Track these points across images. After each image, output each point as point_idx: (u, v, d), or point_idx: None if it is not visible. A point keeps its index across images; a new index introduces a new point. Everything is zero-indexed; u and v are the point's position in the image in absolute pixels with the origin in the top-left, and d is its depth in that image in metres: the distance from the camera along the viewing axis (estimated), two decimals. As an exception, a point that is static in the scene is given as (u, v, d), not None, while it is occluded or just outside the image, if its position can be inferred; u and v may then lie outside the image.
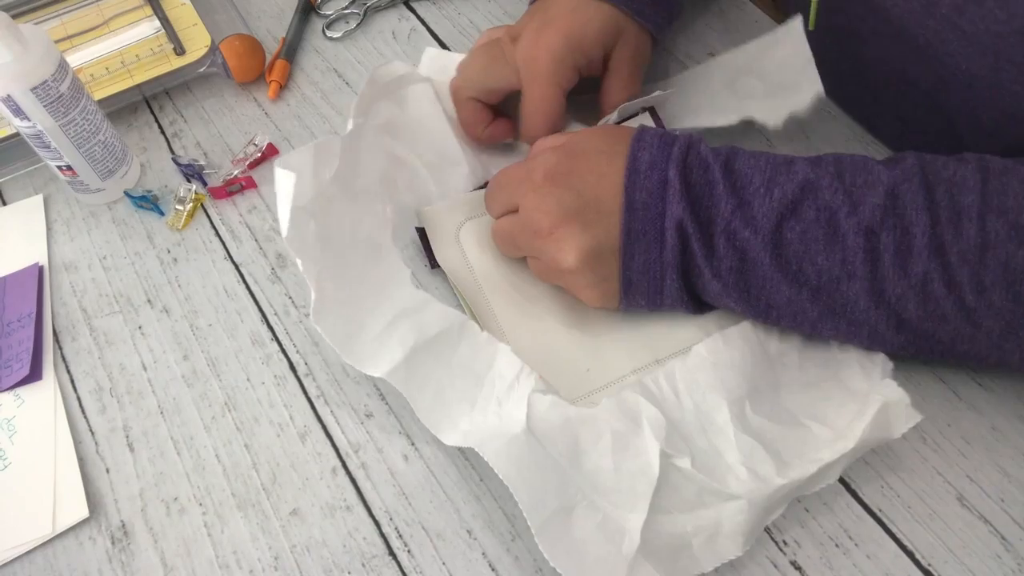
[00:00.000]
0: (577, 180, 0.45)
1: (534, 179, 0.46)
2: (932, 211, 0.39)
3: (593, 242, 0.44)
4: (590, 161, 0.45)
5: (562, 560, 0.39)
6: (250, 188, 0.58)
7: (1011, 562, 0.41)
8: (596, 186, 0.44)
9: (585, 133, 0.48)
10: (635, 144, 0.45)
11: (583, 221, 0.44)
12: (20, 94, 0.49)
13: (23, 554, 0.45)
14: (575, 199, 0.44)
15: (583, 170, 0.45)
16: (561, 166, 0.45)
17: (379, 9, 0.68)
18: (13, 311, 0.53)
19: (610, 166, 0.44)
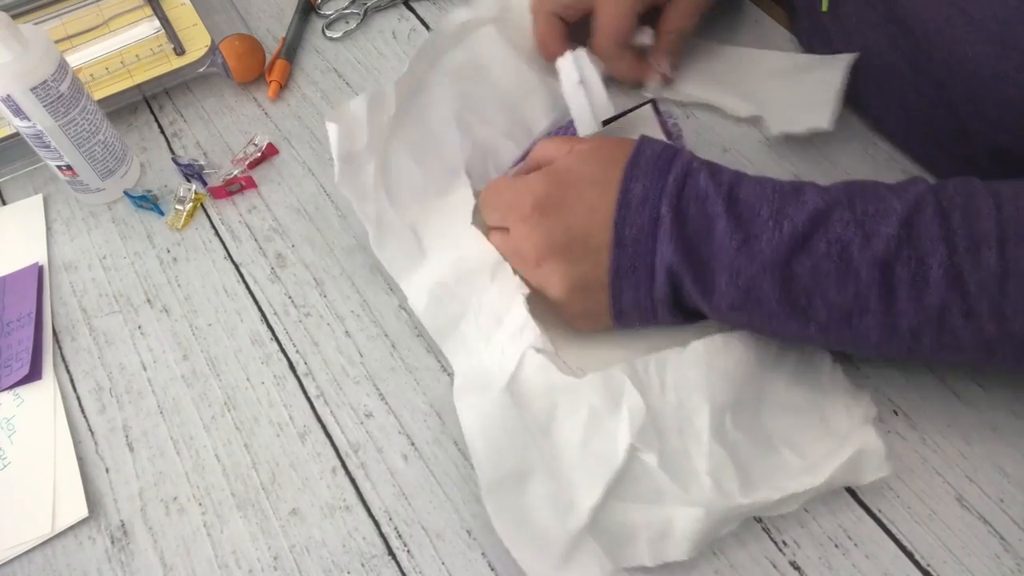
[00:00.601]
0: (567, 213, 0.44)
1: (523, 207, 0.45)
2: (949, 240, 0.38)
3: (580, 277, 0.44)
4: (581, 193, 0.44)
5: (505, 524, 0.41)
6: (250, 188, 0.58)
7: (1010, 562, 0.41)
8: (586, 220, 0.44)
9: (581, 155, 0.46)
10: (628, 173, 0.43)
11: (570, 257, 0.44)
12: (20, 94, 0.49)
13: (23, 554, 0.45)
14: (563, 233, 0.44)
15: (573, 201, 0.44)
16: (551, 197, 0.45)
17: (379, 9, 0.68)
18: (13, 311, 0.53)
19: (601, 199, 0.43)
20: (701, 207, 0.42)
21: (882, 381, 0.46)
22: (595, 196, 0.44)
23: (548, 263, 0.44)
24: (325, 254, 0.54)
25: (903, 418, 0.45)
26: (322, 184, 0.58)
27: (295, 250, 0.55)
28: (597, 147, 0.46)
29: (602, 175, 0.44)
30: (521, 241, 0.46)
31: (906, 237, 0.38)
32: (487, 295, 0.48)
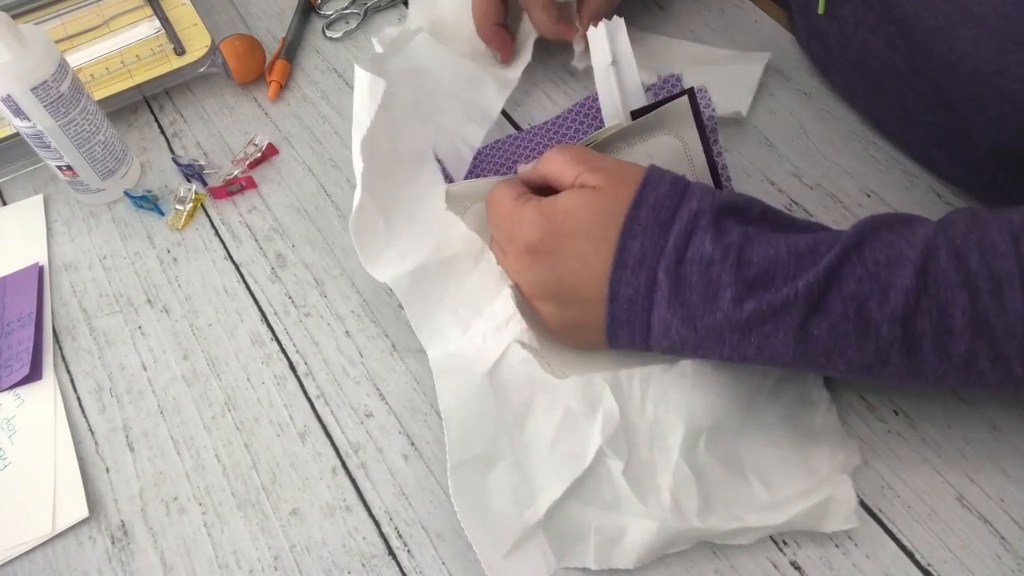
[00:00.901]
0: (559, 264, 0.43)
1: (518, 245, 0.45)
2: (970, 285, 0.36)
3: (571, 320, 0.44)
4: (576, 246, 0.43)
5: (464, 503, 0.42)
6: (250, 188, 0.58)
7: (1011, 562, 0.41)
8: (577, 274, 0.43)
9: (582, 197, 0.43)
10: (626, 229, 0.42)
11: (561, 301, 0.44)
12: (20, 94, 0.49)
13: (23, 554, 0.45)
14: (554, 283, 0.44)
15: (566, 253, 0.43)
16: (544, 244, 0.44)
17: (379, 9, 0.68)
18: (13, 311, 0.53)
19: (595, 256, 0.42)
20: (705, 273, 0.40)
21: (882, 381, 0.46)
22: (590, 251, 0.42)
23: (538, 302, 0.45)
24: (325, 254, 0.54)
25: (903, 418, 0.45)
26: (322, 184, 0.58)
27: (295, 250, 0.55)
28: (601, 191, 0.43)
29: (600, 230, 0.42)
30: (514, 274, 0.46)
31: (923, 287, 0.37)
32: (467, 282, 0.48)
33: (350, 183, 0.57)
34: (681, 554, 0.42)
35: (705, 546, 0.42)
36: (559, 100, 0.60)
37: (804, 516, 0.41)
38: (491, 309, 0.47)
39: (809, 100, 0.58)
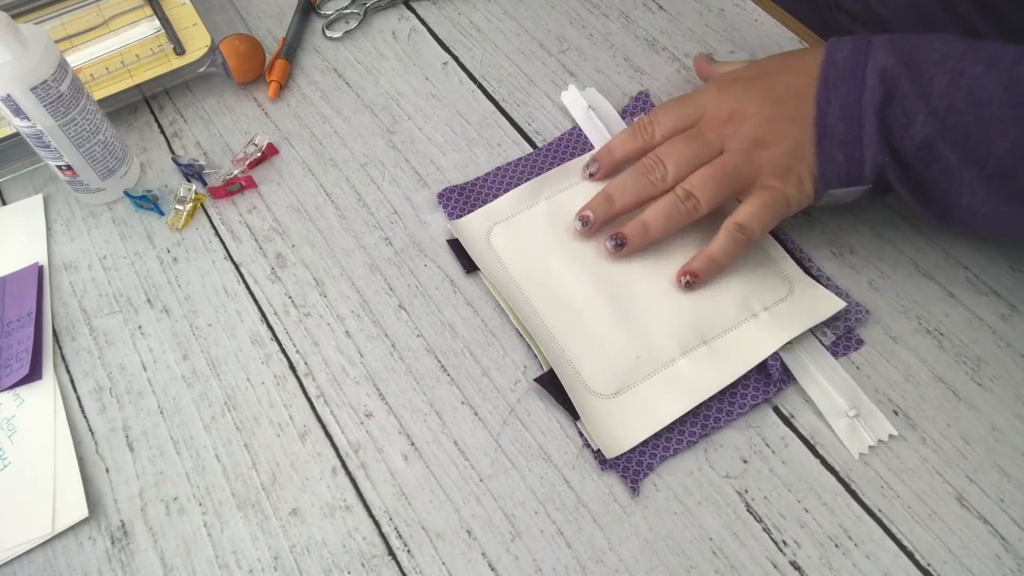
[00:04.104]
0: (761, 79, 0.46)
1: (715, 88, 0.48)
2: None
3: (783, 111, 0.45)
4: (775, 60, 0.47)
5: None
6: (250, 188, 0.58)
7: (1011, 562, 0.41)
8: (780, 76, 0.46)
9: (757, 61, 0.50)
10: (825, 45, 0.46)
11: (773, 97, 0.45)
12: (20, 94, 0.49)
13: (23, 554, 0.45)
14: (762, 86, 0.46)
15: (770, 71, 0.46)
16: (746, 71, 0.48)
17: (379, 9, 0.68)
18: (13, 311, 0.53)
19: (795, 57, 0.46)
20: (914, 37, 0.43)
21: (882, 381, 0.46)
22: (792, 61, 0.46)
23: (746, 103, 0.46)
24: (325, 254, 0.54)
25: (903, 418, 0.45)
26: (322, 184, 0.58)
27: (295, 250, 0.55)
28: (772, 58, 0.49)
29: (790, 55, 0.48)
30: (714, 102, 0.48)
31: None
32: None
33: (350, 183, 0.57)
34: (681, 554, 0.42)
35: (705, 546, 0.42)
36: (556, 99, 0.60)
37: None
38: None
39: (809, 100, 0.58)
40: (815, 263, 0.51)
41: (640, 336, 0.48)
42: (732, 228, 0.47)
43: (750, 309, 0.48)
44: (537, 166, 0.56)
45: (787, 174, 0.46)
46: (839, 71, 0.44)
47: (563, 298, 0.50)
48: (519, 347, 0.49)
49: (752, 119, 0.46)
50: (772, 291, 0.49)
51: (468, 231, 0.53)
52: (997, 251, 0.50)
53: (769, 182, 0.46)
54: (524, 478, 0.45)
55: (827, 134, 0.44)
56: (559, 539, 0.43)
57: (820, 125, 0.44)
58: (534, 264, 0.52)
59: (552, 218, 0.53)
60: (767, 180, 0.46)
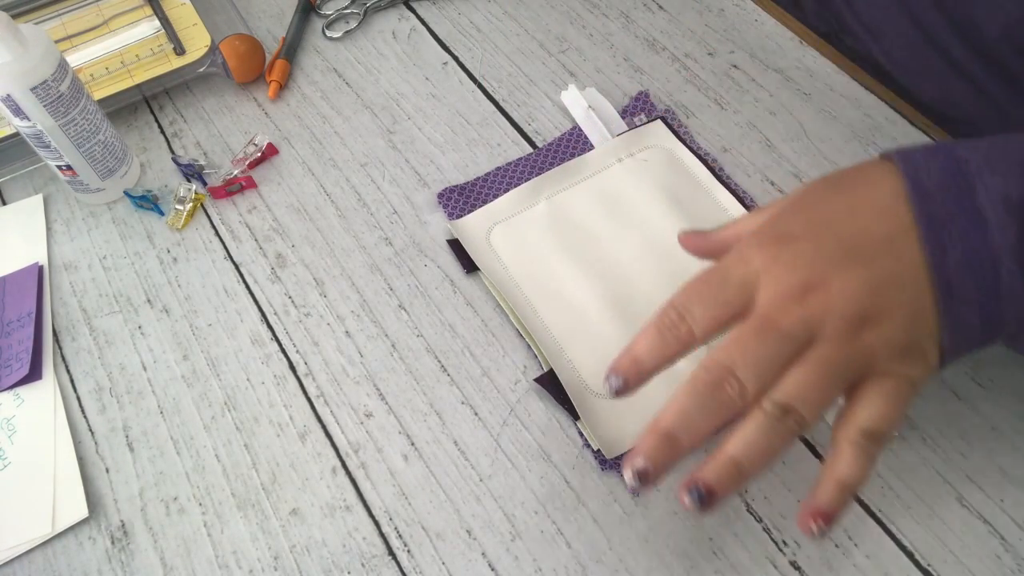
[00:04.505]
0: (823, 227, 0.34)
1: (763, 251, 0.34)
2: None
3: (882, 273, 0.33)
4: (823, 203, 0.35)
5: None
6: (250, 188, 0.58)
7: (1011, 562, 0.41)
8: (850, 221, 0.34)
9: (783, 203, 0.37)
10: (888, 152, 0.35)
11: (857, 255, 0.33)
12: (20, 94, 0.49)
13: (23, 554, 0.45)
14: (836, 243, 0.34)
15: (822, 215, 0.35)
16: (791, 224, 0.35)
17: (379, 9, 0.68)
18: (13, 311, 0.53)
19: (852, 194, 0.34)
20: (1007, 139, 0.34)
21: (882, 381, 0.46)
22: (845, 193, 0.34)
23: (835, 273, 0.33)
24: (325, 254, 0.54)
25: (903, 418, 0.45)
26: (322, 184, 0.58)
27: (295, 250, 0.55)
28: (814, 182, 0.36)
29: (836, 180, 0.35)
30: (784, 272, 0.34)
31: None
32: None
33: (350, 183, 0.57)
34: (682, 554, 0.42)
35: (705, 546, 0.42)
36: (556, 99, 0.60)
37: None
38: None
39: (809, 100, 0.58)
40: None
41: None
42: (862, 441, 0.33)
43: None
44: (537, 166, 0.56)
45: (908, 352, 0.34)
46: (941, 205, 0.33)
47: (563, 298, 0.50)
48: (519, 347, 0.49)
49: (841, 290, 0.33)
50: None
51: (468, 231, 0.53)
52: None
53: (887, 367, 0.34)
54: (524, 478, 0.45)
55: (951, 293, 0.33)
56: (559, 539, 0.43)
57: (940, 283, 0.33)
58: (534, 264, 0.52)
59: (552, 218, 0.53)
60: (885, 365, 0.34)
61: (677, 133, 0.57)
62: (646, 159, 0.55)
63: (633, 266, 0.50)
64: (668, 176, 0.54)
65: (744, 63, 0.61)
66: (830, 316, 0.33)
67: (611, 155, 0.56)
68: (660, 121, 0.57)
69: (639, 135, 0.57)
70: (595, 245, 0.52)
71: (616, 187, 0.54)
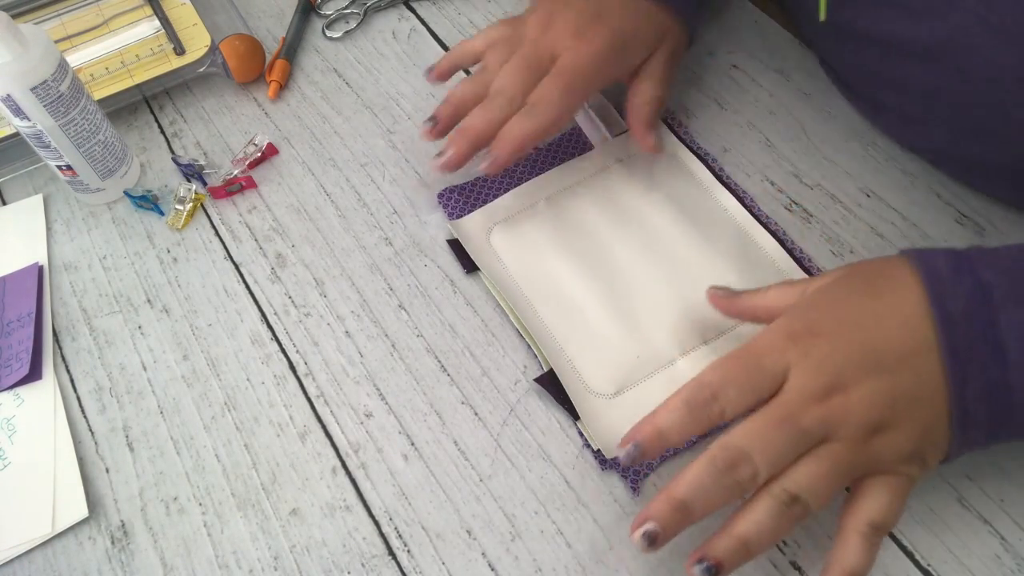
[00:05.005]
0: (851, 331, 0.36)
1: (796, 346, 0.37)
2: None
3: (900, 387, 0.36)
4: (851, 304, 0.37)
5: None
6: (250, 188, 0.58)
7: (1011, 562, 0.41)
8: (877, 328, 0.36)
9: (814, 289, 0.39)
10: (915, 258, 0.37)
11: (880, 366, 0.36)
12: (20, 94, 0.49)
13: (23, 554, 0.45)
14: (859, 349, 0.36)
15: (850, 316, 0.37)
16: (821, 322, 0.37)
17: (379, 9, 0.68)
18: (13, 311, 0.53)
19: (881, 300, 0.37)
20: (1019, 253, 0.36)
21: (882, 381, 0.46)
22: (870, 301, 0.37)
23: (859, 384, 0.36)
24: (325, 254, 0.54)
25: (903, 418, 0.45)
26: (322, 184, 0.58)
27: (295, 250, 0.55)
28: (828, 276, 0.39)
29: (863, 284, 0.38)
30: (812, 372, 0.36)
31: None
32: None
33: (350, 183, 0.57)
34: (682, 554, 0.42)
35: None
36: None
37: None
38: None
39: (809, 100, 0.58)
40: (814, 263, 0.51)
41: (640, 336, 0.48)
42: (868, 532, 0.36)
43: None
44: (537, 166, 0.56)
45: (912, 458, 0.37)
46: (965, 337, 0.35)
47: (563, 298, 0.50)
48: (519, 347, 0.49)
49: (861, 399, 0.36)
50: None
51: (468, 231, 0.53)
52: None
53: (891, 468, 0.37)
54: (524, 478, 0.45)
55: (967, 421, 0.36)
56: (559, 539, 0.43)
57: (958, 411, 0.36)
58: (534, 264, 0.52)
59: (552, 218, 0.53)
60: (888, 465, 0.37)
61: (677, 133, 0.56)
62: (647, 159, 0.55)
63: (633, 266, 0.50)
64: (668, 176, 0.54)
65: (744, 63, 0.61)
66: (847, 421, 0.36)
67: (611, 155, 0.56)
68: (660, 122, 0.57)
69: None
70: (595, 245, 0.52)
71: (616, 187, 0.54)
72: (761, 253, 0.51)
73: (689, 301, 0.49)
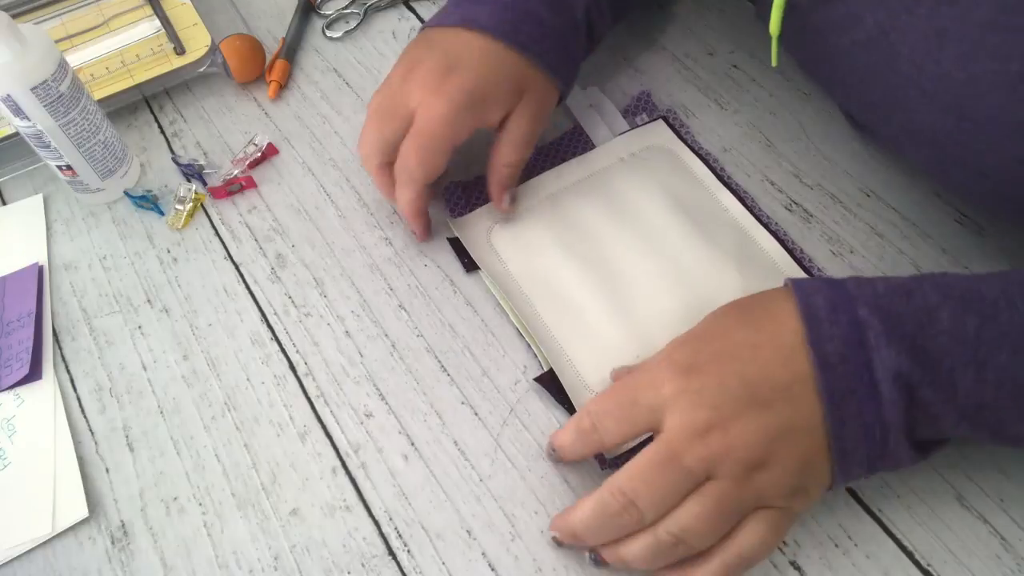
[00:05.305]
0: (728, 362, 0.37)
1: (672, 380, 0.38)
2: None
3: (778, 421, 0.36)
4: (730, 336, 0.38)
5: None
6: (250, 188, 0.58)
7: (1011, 562, 0.41)
8: (754, 360, 0.37)
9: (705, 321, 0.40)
10: (796, 291, 0.38)
11: (756, 399, 0.36)
12: (20, 94, 0.49)
13: (23, 554, 0.45)
14: (739, 383, 0.37)
15: (728, 348, 0.38)
16: (700, 353, 0.38)
17: (379, 9, 0.68)
18: (13, 311, 0.53)
19: (760, 332, 0.38)
20: (906, 301, 0.36)
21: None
22: (751, 332, 0.38)
23: (740, 420, 0.36)
24: (325, 254, 0.54)
25: (903, 418, 0.45)
26: (322, 184, 0.58)
27: (295, 250, 0.55)
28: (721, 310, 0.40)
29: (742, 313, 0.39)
30: (692, 411, 0.37)
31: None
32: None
33: (350, 183, 0.57)
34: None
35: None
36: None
37: None
38: None
39: (809, 100, 0.58)
40: (815, 263, 0.51)
41: (640, 335, 0.48)
42: (734, 563, 0.38)
43: None
44: (538, 165, 0.56)
45: (794, 492, 0.38)
46: (841, 376, 0.36)
47: (563, 297, 0.50)
48: (519, 347, 0.49)
49: (739, 434, 0.36)
50: None
51: (469, 229, 0.53)
52: (998, 249, 0.50)
53: (773, 503, 0.38)
54: (524, 478, 0.45)
55: (846, 457, 0.37)
56: (559, 539, 0.43)
57: (837, 449, 0.37)
58: (534, 263, 0.52)
59: (553, 217, 0.53)
60: (771, 501, 0.38)
61: (679, 133, 0.57)
62: (648, 159, 0.55)
63: (633, 265, 0.50)
64: (670, 176, 0.54)
65: (744, 63, 0.61)
66: (728, 458, 0.36)
67: (613, 154, 0.56)
68: (662, 121, 0.57)
69: (641, 134, 0.57)
70: (596, 244, 0.52)
71: (618, 186, 0.54)
72: (761, 252, 0.51)
73: (689, 300, 0.49)
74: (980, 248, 0.50)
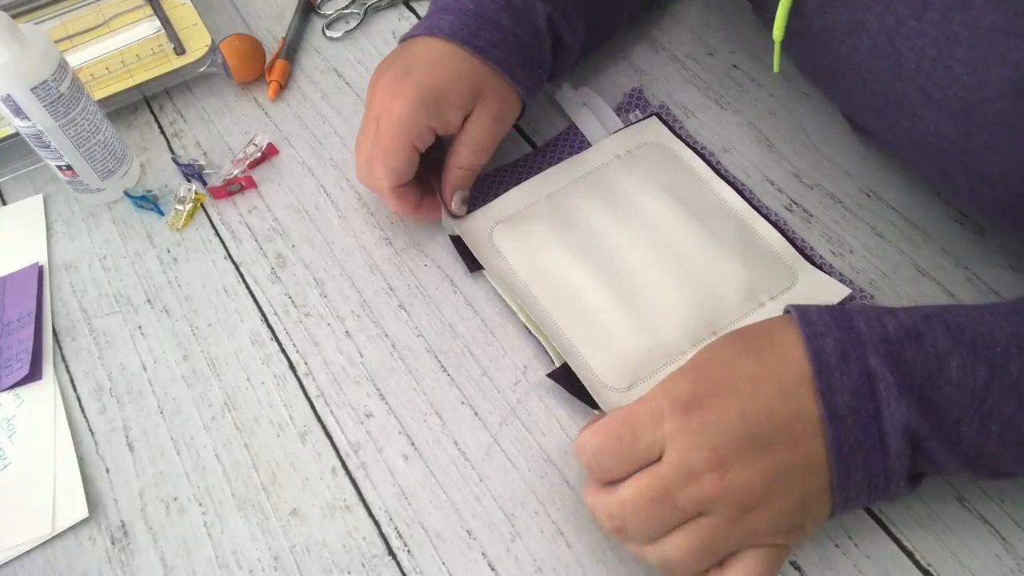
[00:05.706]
0: (729, 397, 0.36)
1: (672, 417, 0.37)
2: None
3: (782, 465, 0.36)
4: (731, 367, 0.37)
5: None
6: (250, 188, 0.58)
7: (1011, 562, 0.41)
8: (756, 396, 0.36)
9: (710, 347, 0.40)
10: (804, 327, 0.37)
11: (756, 439, 0.36)
12: (20, 94, 0.49)
13: (23, 554, 0.45)
14: (740, 421, 0.36)
15: (729, 381, 0.37)
16: (700, 388, 0.37)
17: (379, 9, 0.68)
18: (13, 311, 0.53)
19: (763, 365, 0.37)
20: (918, 346, 0.36)
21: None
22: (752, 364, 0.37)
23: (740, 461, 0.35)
24: (325, 254, 0.54)
25: (903, 418, 0.45)
26: (322, 184, 0.58)
27: (295, 250, 0.55)
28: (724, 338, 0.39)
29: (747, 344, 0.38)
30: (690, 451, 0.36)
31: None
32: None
33: (350, 183, 0.57)
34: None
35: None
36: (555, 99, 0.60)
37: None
38: None
39: (809, 100, 0.58)
40: (816, 251, 0.51)
41: (650, 328, 0.48)
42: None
43: (756, 299, 0.48)
44: (537, 165, 0.56)
45: (789, 531, 0.37)
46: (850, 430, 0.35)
47: (571, 294, 0.50)
48: (519, 347, 0.49)
49: (736, 477, 0.35)
50: (777, 281, 0.49)
51: (469, 231, 0.53)
52: (997, 250, 0.50)
53: (765, 541, 0.37)
54: (524, 478, 0.45)
55: (847, 501, 0.37)
56: (559, 539, 0.43)
57: (840, 496, 0.37)
58: (539, 261, 0.52)
59: (554, 215, 0.53)
60: (763, 539, 0.37)
61: (672, 128, 0.57)
62: (644, 155, 0.55)
63: (638, 260, 0.50)
64: (666, 170, 0.54)
65: (744, 63, 0.61)
66: (722, 500, 0.36)
67: (608, 152, 0.56)
68: (655, 117, 0.57)
69: (635, 131, 0.57)
70: (598, 240, 0.52)
71: (616, 183, 0.54)
72: (762, 242, 0.51)
73: (695, 292, 0.49)
74: (980, 248, 0.50)
